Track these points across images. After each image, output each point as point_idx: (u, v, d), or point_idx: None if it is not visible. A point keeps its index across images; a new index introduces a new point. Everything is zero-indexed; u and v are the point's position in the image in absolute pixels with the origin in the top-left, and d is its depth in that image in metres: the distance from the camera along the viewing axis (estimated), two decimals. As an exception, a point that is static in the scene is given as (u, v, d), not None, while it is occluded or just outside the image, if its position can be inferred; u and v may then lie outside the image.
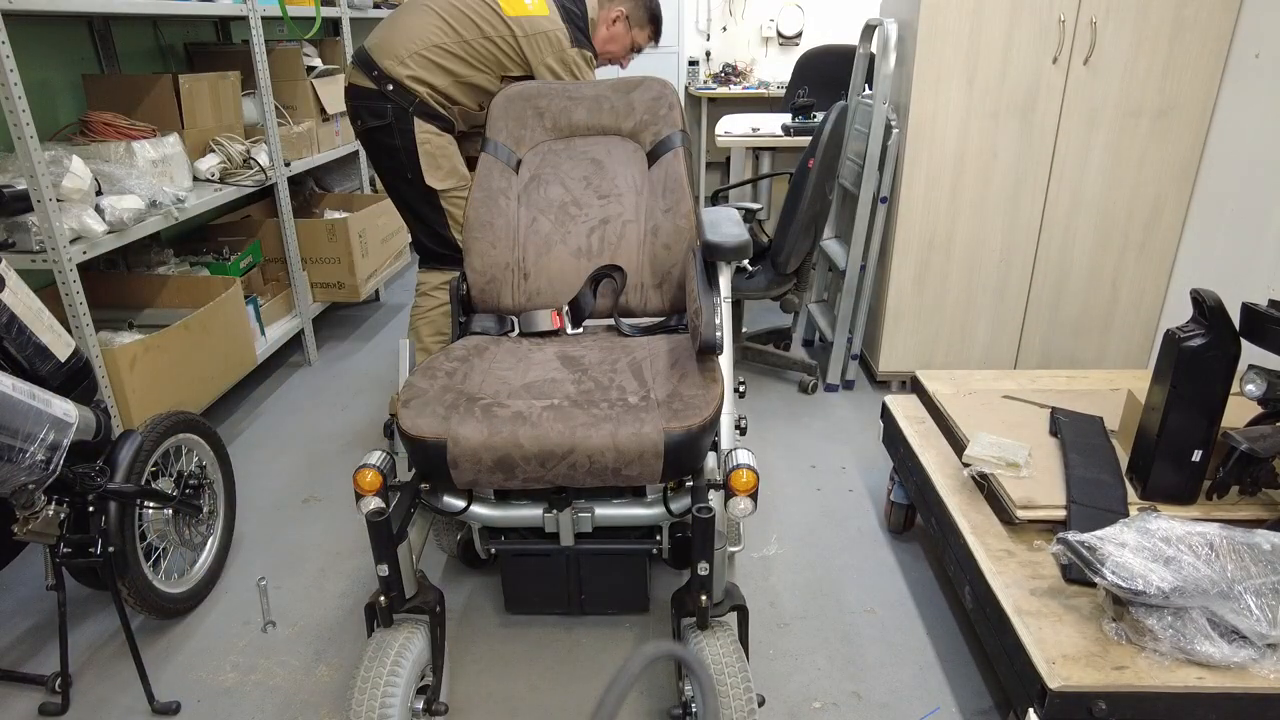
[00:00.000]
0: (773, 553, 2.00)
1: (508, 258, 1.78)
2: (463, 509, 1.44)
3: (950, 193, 2.54)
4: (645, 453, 1.27)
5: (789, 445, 2.50)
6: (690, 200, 1.77)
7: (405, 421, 1.31)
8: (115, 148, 2.29)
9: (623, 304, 1.78)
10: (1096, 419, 1.77)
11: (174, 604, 1.75)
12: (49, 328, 1.49)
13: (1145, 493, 1.52)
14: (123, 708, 1.56)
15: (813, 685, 1.60)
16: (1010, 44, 2.37)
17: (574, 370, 1.50)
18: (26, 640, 1.74)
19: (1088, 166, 2.49)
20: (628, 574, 1.55)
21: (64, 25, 2.53)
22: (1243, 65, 2.30)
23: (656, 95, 1.85)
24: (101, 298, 2.55)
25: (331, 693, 1.60)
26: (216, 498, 1.94)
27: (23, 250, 1.93)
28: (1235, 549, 1.24)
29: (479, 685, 1.61)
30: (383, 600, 1.33)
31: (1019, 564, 1.44)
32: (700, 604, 1.30)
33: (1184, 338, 1.41)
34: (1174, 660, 1.21)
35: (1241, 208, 2.30)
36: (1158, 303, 2.64)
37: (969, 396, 1.93)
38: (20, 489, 1.35)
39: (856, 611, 1.80)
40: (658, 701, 1.55)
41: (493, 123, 1.85)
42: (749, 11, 5.51)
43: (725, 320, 1.44)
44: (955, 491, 1.67)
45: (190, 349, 2.36)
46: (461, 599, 1.84)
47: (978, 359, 2.76)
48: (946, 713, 1.54)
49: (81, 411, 1.48)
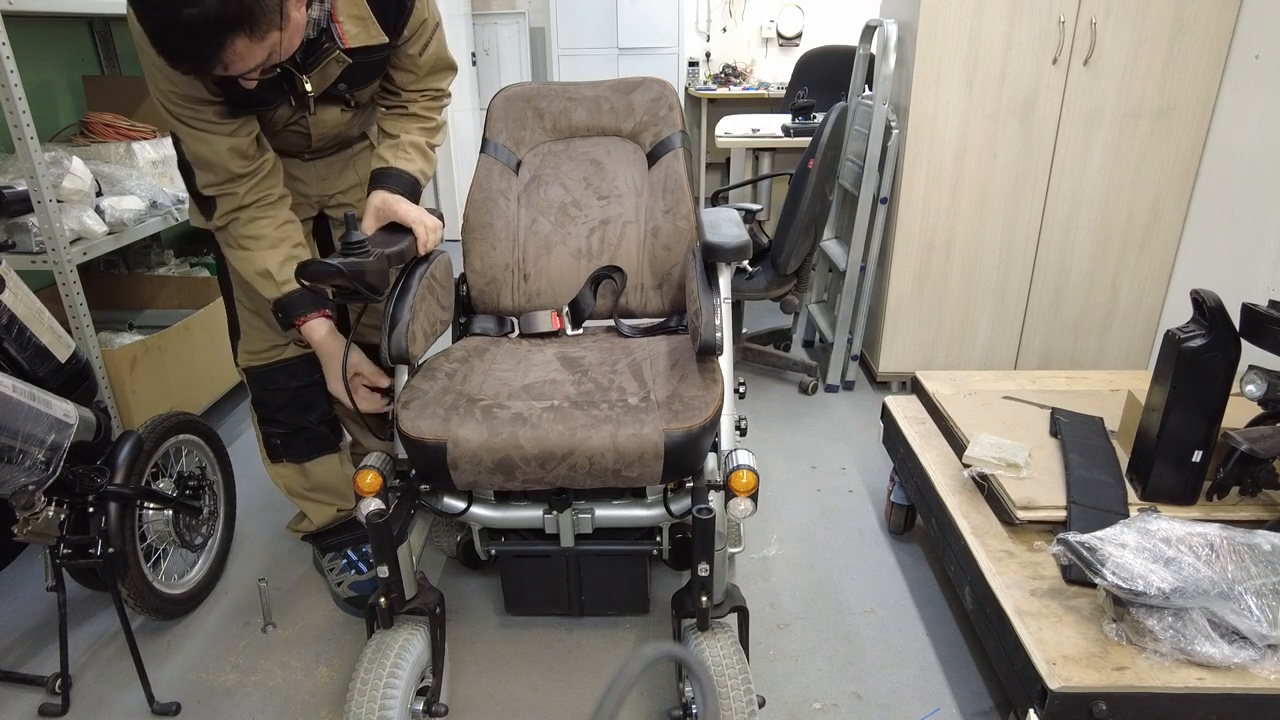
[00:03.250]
0: (773, 554, 2.00)
1: (507, 259, 1.78)
2: (463, 510, 1.44)
3: (950, 193, 2.54)
4: (645, 454, 1.27)
5: (789, 446, 2.50)
6: (690, 201, 1.77)
7: (405, 423, 1.31)
8: (115, 149, 2.30)
9: (623, 305, 1.78)
10: (1097, 419, 1.77)
11: (174, 605, 1.75)
12: (49, 329, 1.49)
13: (1145, 493, 1.52)
14: (123, 708, 1.56)
15: (813, 686, 1.60)
16: (1010, 45, 2.37)
17: (574, 371, 1.50)
18: (26, 641, 1.74)
19: (1088, 167, 2.49)
20: (628, 575, 1.55)
21: (64, 26, 2.53)
22: (1243, 66, 2.30)
23: (656, 96, 1.85)
24: (101, 298, 2.55)
25: (332, 694, 1.60)
26: (216, 498, 1.93)
27: (23, 251, 1.93)
28: (1235, 550, 1.24)
29: (479, 686, 1.60)
30: (383, 601, 1.33)
31: (1019, 565, 1.44)
32: (700, 605, 1.30)
33: (1184, 338, 1.41)
34: (1174, 661, 1.21)
35: (1241, 208, 2.30)
36: (1158, 303, 2.64)
37: (969, 397, 1.93)
38: (20, 490, 1.35)
39: (857, 612, 1.80)
40: (658, 702, 1.55)
41: (492, 124, 1.85)
42: (749, 12, 5.52)
43: (725, 321, 1.44)
44: (955, 492, 1.67)
45: (190, 349, 2.36)
46: (461, 600, 1.84)
47: (978, 359, 2.76)
48: (947, 713, 1.54)
49: (81, 412, 1.48)
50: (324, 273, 1.29)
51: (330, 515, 1.85)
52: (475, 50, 5.34)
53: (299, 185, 1.66)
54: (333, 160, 1.68)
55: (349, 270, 1.28)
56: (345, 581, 1.83)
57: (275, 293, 1.49)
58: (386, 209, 1.49)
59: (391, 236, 1.47)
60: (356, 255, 1.30)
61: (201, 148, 1.41)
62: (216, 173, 1.44)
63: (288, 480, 1.80)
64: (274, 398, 1.72)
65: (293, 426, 1.75)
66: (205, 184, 1.47)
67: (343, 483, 1.84)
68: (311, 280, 1.31)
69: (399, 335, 1.40)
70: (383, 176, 1.53)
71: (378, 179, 1.52)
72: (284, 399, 1.72)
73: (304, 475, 1.79)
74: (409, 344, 1.40)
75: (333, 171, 1.69)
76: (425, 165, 1.59)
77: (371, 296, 1.33)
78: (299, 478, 1.80)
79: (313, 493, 1.82)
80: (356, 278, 1.29)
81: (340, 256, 1.30)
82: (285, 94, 1.44)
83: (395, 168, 1.53)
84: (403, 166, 1.54)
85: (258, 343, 1.69)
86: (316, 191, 1.69)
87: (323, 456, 1.79)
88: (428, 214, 1.52)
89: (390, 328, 1.41)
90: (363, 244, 1.32)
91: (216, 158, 1.42)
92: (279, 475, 1.80)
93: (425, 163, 1.59)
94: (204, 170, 1.46)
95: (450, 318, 1.65)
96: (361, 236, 1.33)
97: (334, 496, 1.84)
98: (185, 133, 1.40)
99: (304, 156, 1.64)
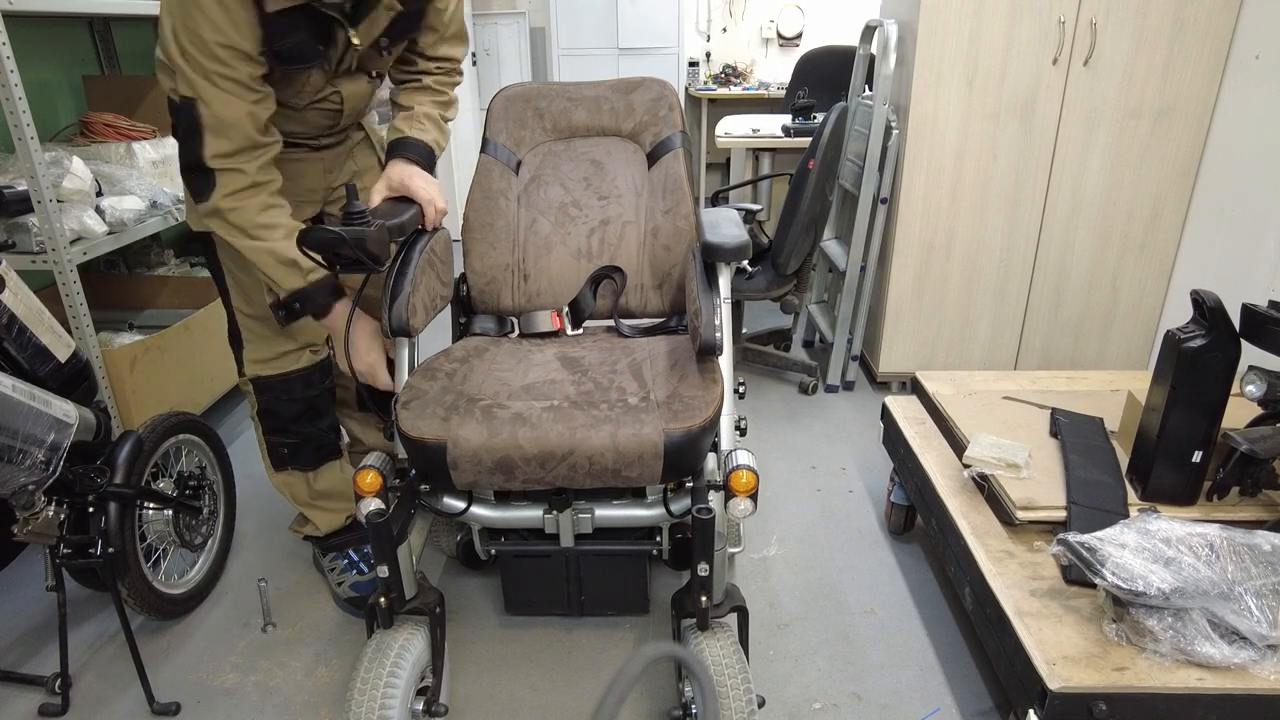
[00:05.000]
0: (773, 554, 2.00)
1: (507, 259, 1.78)
2: (463, 510, 1.44)
3: (950, 193, 2.54)
4: (645, 454, 1.27)
5: (789, 446, 2.50)
6: (690, 201, 1.77)
7: (405, 423, 1.31)
8: (115, 149, 2.30)
9: (623, 305, 1.78)
10: (1097, 420, 1.77)
11: (174, 604, 1.75)
12: (49, 329, 1.49)
13: (1145, 494, 1.52)
14: (123, 708, 1.56)
15: (813, 686, 1.60)
16: (1010, 45, 2.37)
17: (574, 371, 1.50)
18: (26, 641, 1.74)
19: (1088, 167, 2.49)
20: (628, 575, 1.55)
21: (64, 26, 2.53)
22: (1243, 66, 2.30)
23: (656, 96, 1.85)
24: (101, 298, 2.55)
25: (331, 694, 1.60)
26: (216, 498, 1.93)
27: (23, 251, 1.93)
28: (1235, 550, 1.24)
29: (479, 686, 1.60)
30: (383, 601, 1.33)
31: (1019, 565, 1.44)
32: (700, 605, 1.30)
33: (1184, 338, 1.41)
34: (1174, 661, 1.21)
35: (1241, 208, 2.30)
36: (1158, 303, 2.64)
37: (969, 397, 1.93)
38: (20, 490, 1.35)
39: (856, 612, 1.80)
40: (658, 702, 1.55)
41: (492, 124, 1.85)
42: (749, 12, 5.52)
43: (725, 321, 1.44)
44: (955, 492, 1.67)
45: (190, 349, 2.36)
46: (461, 600, 1.84)
47: (978, 360, 2.76)
48: (947, 714, 1.54)
49: (81, 412, 1.48)
50: (326, 240, 1.28)
51: (339, 522, 1.84)
52: (475, 50, 5.34)
53: (303, 181, 1.64)
54: (338, 151, 1.71)
55: (351, 238, 1.28)
56: (346, 582, 1.83)
57: (300, 282, 1.45)
58: (400, 181, 1.52)
59: (396, 207, 1.48)
60: (358, 225, 1.30)
61: (226, 109, 1.34)
62: (233, 139, 1.37)
63: (293, 489, 1.78)
64: (288, 408, 1.69)
65: (304, 436, 1.73)
66: (216, 152, 1.37)
67: (348, 487, 1.82)
68: (313, 248, 1.30)
69: (400, 307, 1.40)
70: (400, 146, 1.56)
71: (395, 148, 1.56)
72: (298, 409, 1.70)
73: (309, 483, 1.78)
74: (409, 316, 1.40)
75: (337, 163, 1.71)
76: (439, 136, 1.63)
77: (373, 266, 1.32)
78: (304, 486, 1.78)
79: (320, 500, 1.81)
80: (359, 245, 1.28)
81: (342, 226, 1.30)
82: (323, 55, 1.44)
83: (411, 137, 1.57)
84: (419, 136, 1.58)
85: (265, 350, 1.65)
86: (321, 185, 1.69)
87: (329, 463, 1.79)
88: (440, 194, 1.56)
89: (391, 300, 1.41)
90: (363, 214, 1.31)
91: (238, 121, 1.36)
92: (284, 484, 1.77)
93: (439, 133, 1.63)
94: (219, 137, 1.36)
95: (450, 294, 1.66)
96: (363, 207, 1.32)
97: (342, 502, 1.83)
98: (213, 94, 1.33)
99: (319, 142, 1.64)
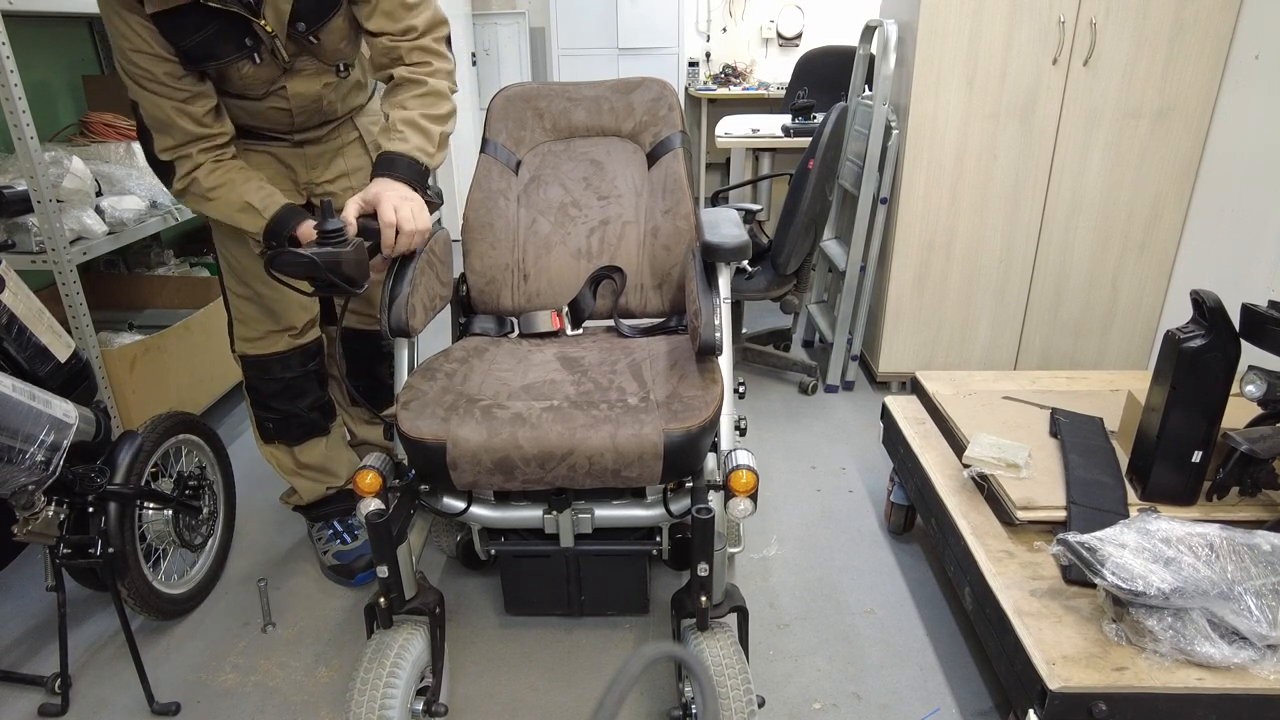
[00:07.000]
0: (772, 554, 2.00)
1: (507, 259, 1.78)
2: (462, 510, 1.44)
3: (950, 193, 2.54)
4: (645, 454, 1.27)
5: (789, 446, 2.50)
6: (690, 201, 1.77)
7: (405, 423, 1.31)
8: (115, 148, 2.30)
9: (622, 305, 1.78)
10: (1096, 420, 1.77)
11: (174, 605, 1.75)
12: (49, 328, 1.49)
13: (1145, 493, 1.52)
14: (123, 708, 1.56)
15: (813, 686, 1.60)
16: (1010, 45, 2.37)
17: (574, 371, 1.50)
18: (26, 641, 1.74)
19: (1087, 167, 2.49)
20: (628, 575, 1.55)
21: (64, 26, 2.53)
22: (1243, 66, 2.30)
23: (656, 96, 1.84)
24: (101, 298, 2.55)
25: (331, 694, 1.60)
26: (216, 498, 1.94)
27: (23, 251, 1.93)
28: (1235, 550, 1.24)
29: (479, 686, 1.60)
30: (382, 601, 1.33)
31: (1019, 565, 1.44)
32: (700, 605, 1.30)
33: (1184, 338, 1.41)
34: (1174, 661, 1.21)
35: (1241, 208, 2.29)
36: (1158, 303, 2.64)
37: (969, 397, 1.93)
38: (20, 490, 1.35)
39: (856, 612, 1.80)
40: (658, 703, 1.55)
41: (492, 124, 1.85)
42: (749, 12, 5.52)
43: (725, 321, 1.44)
44: (955, 492, 1.67)
45: (190, 349, 2.36)
46: (461, 600, 1.84)
47: (978, 360, 2.76)
48: (947, 714, 1.54)
49: (81, 412, 1.48)
50: (295, 263, 1.22)
51: (320, 492, 1.94)
52: (475, 50, 5.34)
53: (287, 172, 1.70)
54: (323, 149, 1.71)
55: (323, 261, 1.21)
56: (331, 550, 1.93)
57: (260, 221, 1.48)
58: (373, 197, 1.37)
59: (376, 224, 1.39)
60: (333, 244, 1.23)
61: (155, 109, 1.44)
62: (173, 135, 1.47)
63: (279, 459, 1.90)
64: (267, 386, 1.81)
65: (285, 413, 1.84)
66: (163, 147, 1.48)
67: (330, 463, 1.93)
68: (282, 272, 1.25)
69: (399, 308, 1.40)
70: (380, 163, 1.44)
71: (376, 166, 1.44)
72: (277, 388, 1.81)
73: (294, 456, 1.89)
74: (409, 317, 1.40)
75: (321, 161, 1.72)
76: (424, 141, 1.45)
77: (349, 290, 1.25)
78: (290, 458, 1.89)
79: (303, 471, 1.92)
80: (331, 269, 1.21)
81: (316, 245, 1.24)
82: (244, 47, 1.43)
83: (388, 152, 1.43)
84: (397, 149, 1.43)
85: (252, 329, 1.76)
86: (305, 179, 1.73)
87: (312, 440, 1.90)
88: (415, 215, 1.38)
89: (390, 301, 1.40)
90: (339, 232, 1.24)
91: (169, 119, 1.44)
92: (270, 455, 1.90)
93: (423, 138, 1.45)
94: (161, 134, 1.48)
95: (449, 294, 1.65)
96: (339, 224, 1.25)
97: (324, 475, 1.94)
98: (142, 95, 1.43)
99: (293, 139, 1.66)
